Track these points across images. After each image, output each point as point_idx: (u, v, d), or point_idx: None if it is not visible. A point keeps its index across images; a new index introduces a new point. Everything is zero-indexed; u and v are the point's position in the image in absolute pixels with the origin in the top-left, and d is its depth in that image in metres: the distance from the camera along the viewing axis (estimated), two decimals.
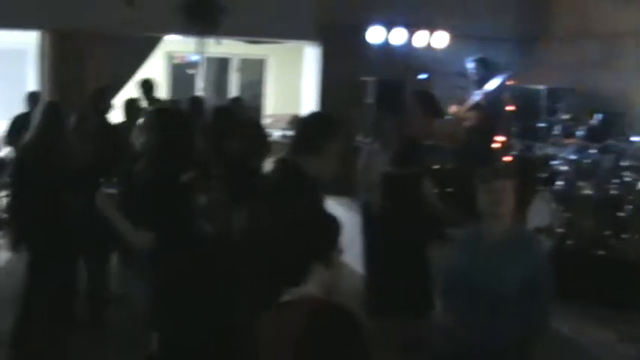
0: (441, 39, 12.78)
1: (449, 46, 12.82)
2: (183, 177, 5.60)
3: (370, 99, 12.22)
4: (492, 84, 10.68)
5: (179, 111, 6.73)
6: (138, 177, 5.85)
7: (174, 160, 5.74)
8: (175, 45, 15.71)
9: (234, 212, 5.46)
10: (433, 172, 10.42)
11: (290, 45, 15.59)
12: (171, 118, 6.14)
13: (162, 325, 5.30)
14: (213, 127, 8.04)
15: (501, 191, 4.77)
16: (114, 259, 8.66)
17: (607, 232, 8.36)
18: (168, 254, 5.45)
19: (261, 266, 3.74)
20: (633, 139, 8.99)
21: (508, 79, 10.81)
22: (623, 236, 8.31)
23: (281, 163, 4.92)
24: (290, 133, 12.51)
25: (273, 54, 17.62)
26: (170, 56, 17.47)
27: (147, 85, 11.93)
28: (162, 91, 16.72)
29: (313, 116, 5.41)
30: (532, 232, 7.06)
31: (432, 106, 11.26)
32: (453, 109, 11.09)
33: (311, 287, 3.17)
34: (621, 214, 8.50)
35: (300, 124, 5.22)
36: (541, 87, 12.03)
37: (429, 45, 12.82)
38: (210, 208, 5.61)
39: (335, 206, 9.28)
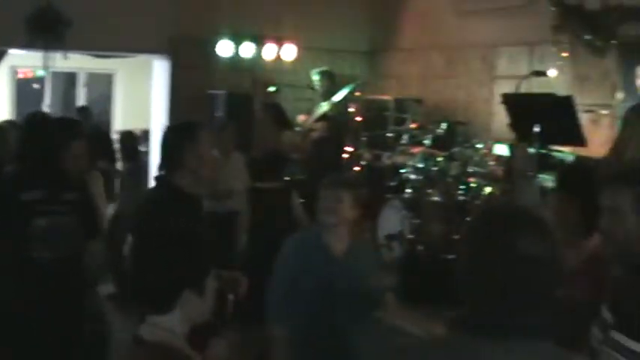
0: (289, 51, 12.87)
1: (297, 59, 12.93)
2: (26, 195, 5.20)
3: (220, 112, 12.19)
4: (340, 95, 10.83)
5: (44, 121, 6.37)
6: None
7: (20, 175, 5.55)
8: (20, 59, 15.30)
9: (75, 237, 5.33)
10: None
11: (139, 59, 15.39)
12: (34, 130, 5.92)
13: None
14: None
15: (336, 200, 4.80)
16: None
17: (456, 237, 8.62)
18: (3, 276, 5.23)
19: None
20: (478, 146, 9.28)
21: (356, 90, 10.97)
22: None
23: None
24: (140, 147, 12.39)
25: (122, 68, 17.36)
26: (14, 70, 17.01)
27: None
28: (5, 107, 16.31)
29: (173, 129, 5.28)
30: (369, 242, 7.15)
31: (280, 118, 11.32)
32: (301, 120, 11.17)
33: (179, 316, 3.05)
34: (469, 218, 8.77)
35: (162, 138, 5.11)
36: (388, 98, 12.29)
37: (277, 57, 12.89)
38: (48, 231, 5.29)
39: None
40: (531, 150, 7.34)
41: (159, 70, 13.81)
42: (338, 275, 4.82)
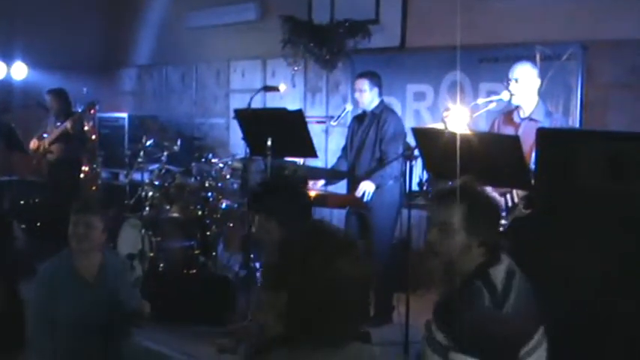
0: (19, 70, 12.47)
1: (29, 77, 12.54)
2: None
3: None
4: (75, 114, 10.59)
5: None
6: None
7: None
8: None
9: None
10: (21, 207, 10.22)
11: None
12: None
13: None
14: None
15: (86, 226, 4.82)
16: None
17: (197, 252, 8.67)
18: None
19: None
20: (214, 161, 9.36)
21: (91, 107, 10.77)
22: (213, 253, 8.68)
23: None
24: None
25: None
26: None
27: None
28: None
29: None
30: (122, 260, 7.10)
31: (13, 139, 10.95)
32: (35, 142, 10.82)
33: None
34: (208, 232, 8.85)
35: None
36: (124, 115, 12.16)
37: (7, 76, 12.46)
38: None
39: None
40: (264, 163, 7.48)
41: None
42: (91, 302, 4.80)
